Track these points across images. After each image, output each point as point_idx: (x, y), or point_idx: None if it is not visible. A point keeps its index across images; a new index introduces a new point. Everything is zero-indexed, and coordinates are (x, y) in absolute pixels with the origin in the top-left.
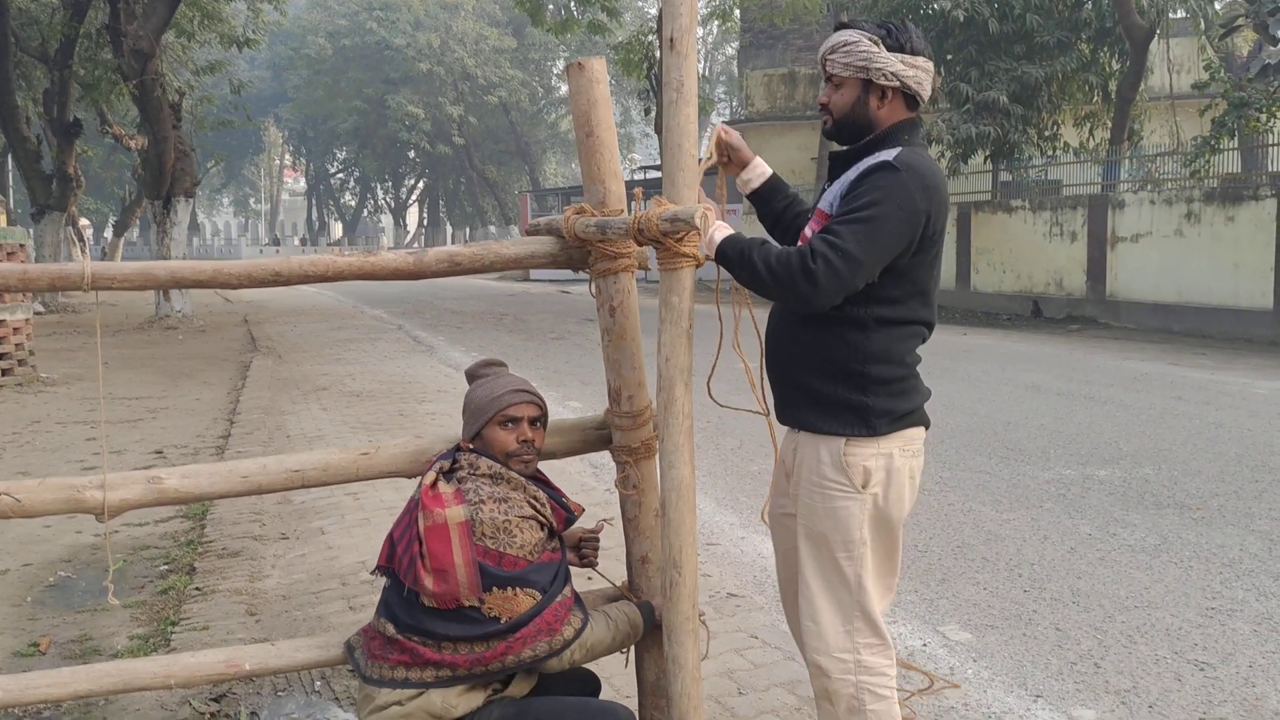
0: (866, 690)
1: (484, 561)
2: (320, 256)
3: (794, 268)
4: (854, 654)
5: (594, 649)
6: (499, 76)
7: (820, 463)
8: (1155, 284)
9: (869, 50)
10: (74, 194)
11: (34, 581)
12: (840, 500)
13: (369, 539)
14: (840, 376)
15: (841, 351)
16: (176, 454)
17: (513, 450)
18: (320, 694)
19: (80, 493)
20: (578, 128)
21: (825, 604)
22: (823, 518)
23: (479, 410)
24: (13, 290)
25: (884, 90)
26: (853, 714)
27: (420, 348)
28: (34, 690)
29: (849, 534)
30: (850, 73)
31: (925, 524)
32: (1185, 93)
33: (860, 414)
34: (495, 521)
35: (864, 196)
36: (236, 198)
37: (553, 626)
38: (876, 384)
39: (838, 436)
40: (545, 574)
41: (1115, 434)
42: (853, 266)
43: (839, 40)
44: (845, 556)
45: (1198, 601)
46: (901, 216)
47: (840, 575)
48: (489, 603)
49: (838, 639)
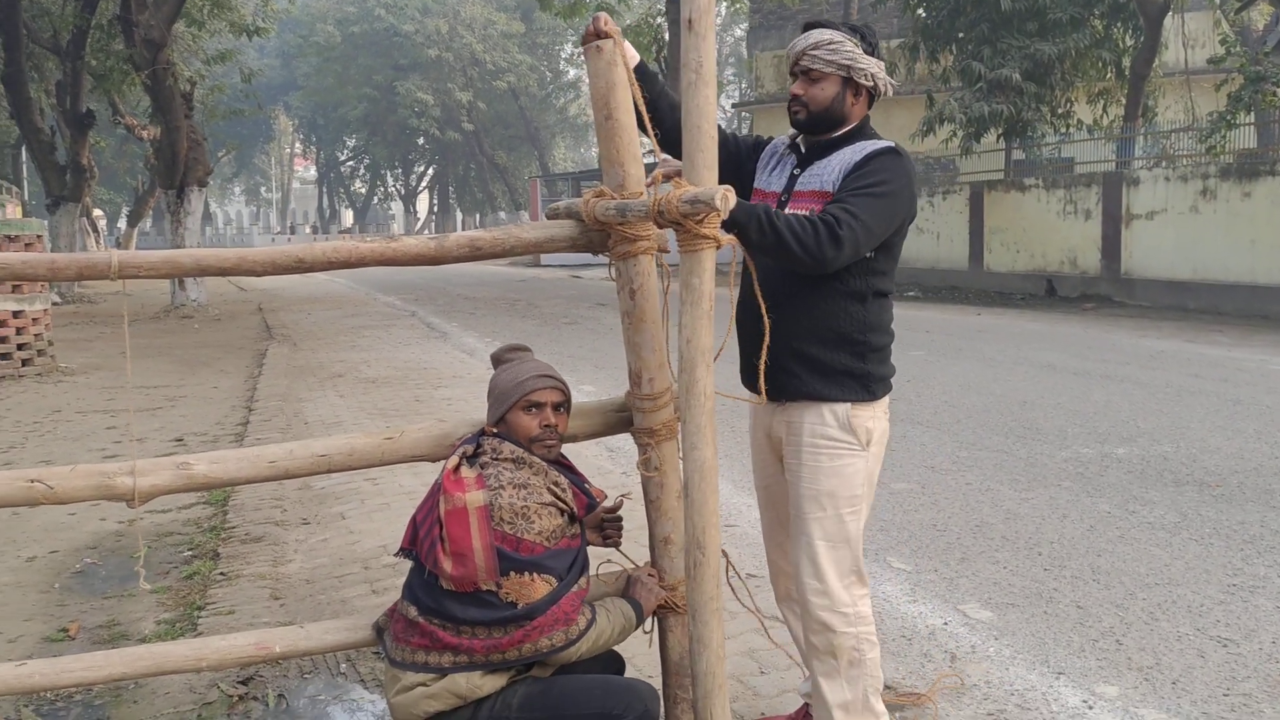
0: (864, 640)
1: (501, 546)
2: (343, 243)
3: (822, 234)
4: (853, 606)
5: (597, 642)
6: (507, 61)
7: (825, 425)
8: (1171, 261)
9: (853, 51)
10: (88, 185)
11: (61, 568)
12: (847, 458)
13: (389, 523)
14: (844, 346)
15: (845, 323)
16: (196, 441)
17: (536, 435)
18: (345, 676)
19: (111, 479)
20: (596, 110)
21: (829, 561)
22: (829, 476)
23: (503, 395)
24: (41, 280)
25: (860, 88)
26: (854, 666)
27: (434, 334)
28: (69, 674)
29: (854, 489)
30: (833, 69)
31: (944, 503)
32: (1200, 68)
33: (862, 380)
34: (514, 507)
35: (875, 175)
36: (248, 186)
37: (569, 616)
38: (873, 351)
39: (843, 401)
40: (562, 560)
41: (1132, 412)
42: (868, 236)
43: (823, 38)
44: (850, 511)
45: (1219, 578)
46: (904, 196)
47: (843, 530)
48: (506, 587)
49: (841, 595)
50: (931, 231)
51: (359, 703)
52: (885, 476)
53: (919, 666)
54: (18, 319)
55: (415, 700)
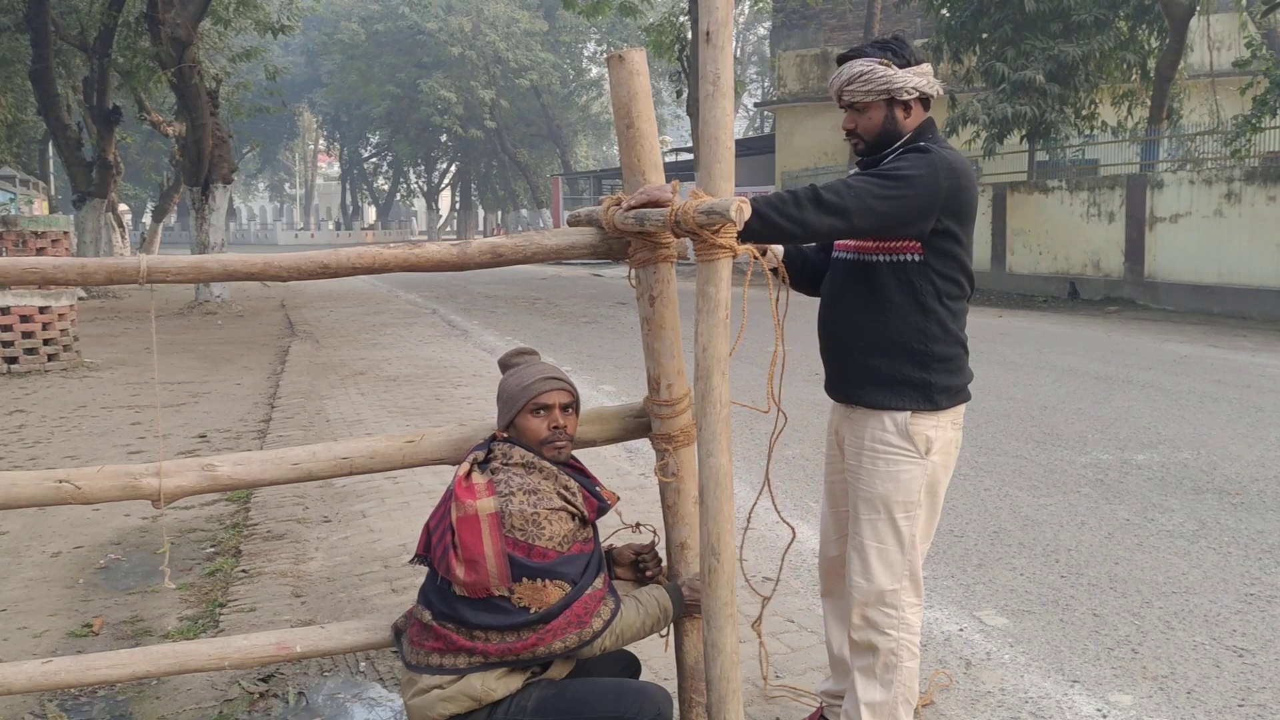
0: (905, 647)
1: (513, 553)
2: (367, 249)
3: (802, 197)
4: (899, 611)
5: (624, 634)
6: (530, 60)
7: (885, 430)
8: (1195, 265)
9: (886, 74)
10: (114, 181)
11: (85, 564)
12: (904, 465)
13: (409, 522)
14: (905, 356)
15: (906, 333)
16: (220, 438)
17: (545, 437)
18: (364, 674)
19: (137, 480)
20: (618, 119)
21: (879, 563)
22: (885, 480)
23: (511, 399)
24: (72, 284)
25: (907, 103)
26: (889, 670)
27: (455, 332)
28: (94, 671)
29: (909, 495)
30: (873, 98)
31: (961, 509)
32: (1226, 70)
33: (924, 391)
34: (524, 514)
35: (892, 162)
36: (272, 183)
37: (582, 619)
38: (938, 362)
39: (903, 410)
40: (575, 565)
41: (1154, 418)
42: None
43: (855, 72)
44: (904, 517)
45: (1236, 587)
46: (922, 183)
47: (896, 535)
48: (518, 593)
49: (887, 596)
50: None
51: (377, 700)
52: None
53: (934, 673)
54: (44, 315)
55: (431, 703)
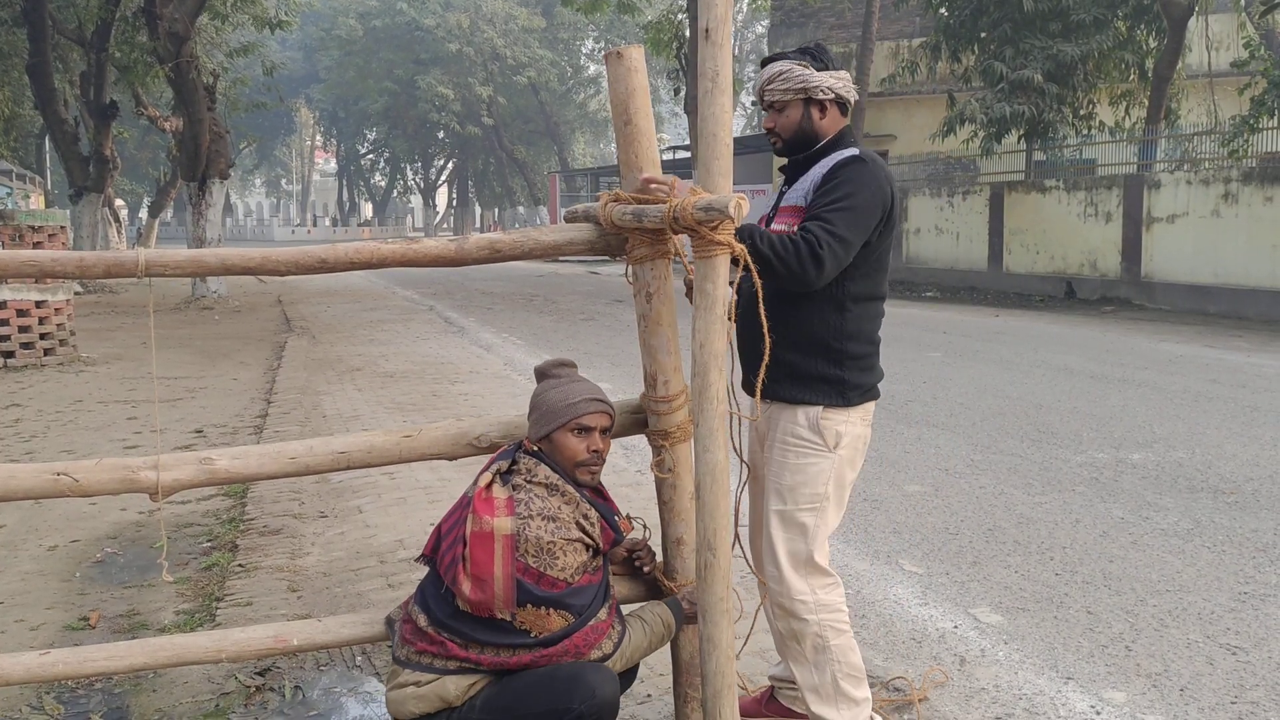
0: (829, 627)
1: (523, 578)
2: (365, 244)
3: (804, 254)
4: (812, 594)
5: (632, 656)
6: (528, 56)
7: (797, 425)
8: (1191, 265)
9: (804, 73)
10: (111, 175)
11: (82, 557)
12: (812, 458)
13: (405, 518)
14: (820, 353)
15: (822, 330)
16: (216, 433)
17: (583, 460)
18: (360, 668)
19: (135, 473)
20: (616, 116)
21: (785, 552)
22: (793, 472)
23: (551, 413)
24: (70, 277)
25: (823, 104)
26: (819, 652)
27: (452, 329)
28: (91, 663)
29: (816, 488)
30: (791, 96)
31: (956, 507)
32: (1224, 71)
33: (837, 387)
34: (540, 541)
35: (842, 187)
36: (269, 179)
37: (580, 650)
38: (850, 360)
39: (815, 405)
40: (583, 597)
41: (1149, 417)
42: (847, 249)
43: (775, 71)
44: (809, 509)
45: (1230, 586)
46: (875, 201)
47: (800, 526)
48: (521, 617)
49: (796, 584)
50: (951, 232)
51: (373, 695)
52: (898, 479)
53: (928, 669)
54: (40, 309)
55: (404, 699)
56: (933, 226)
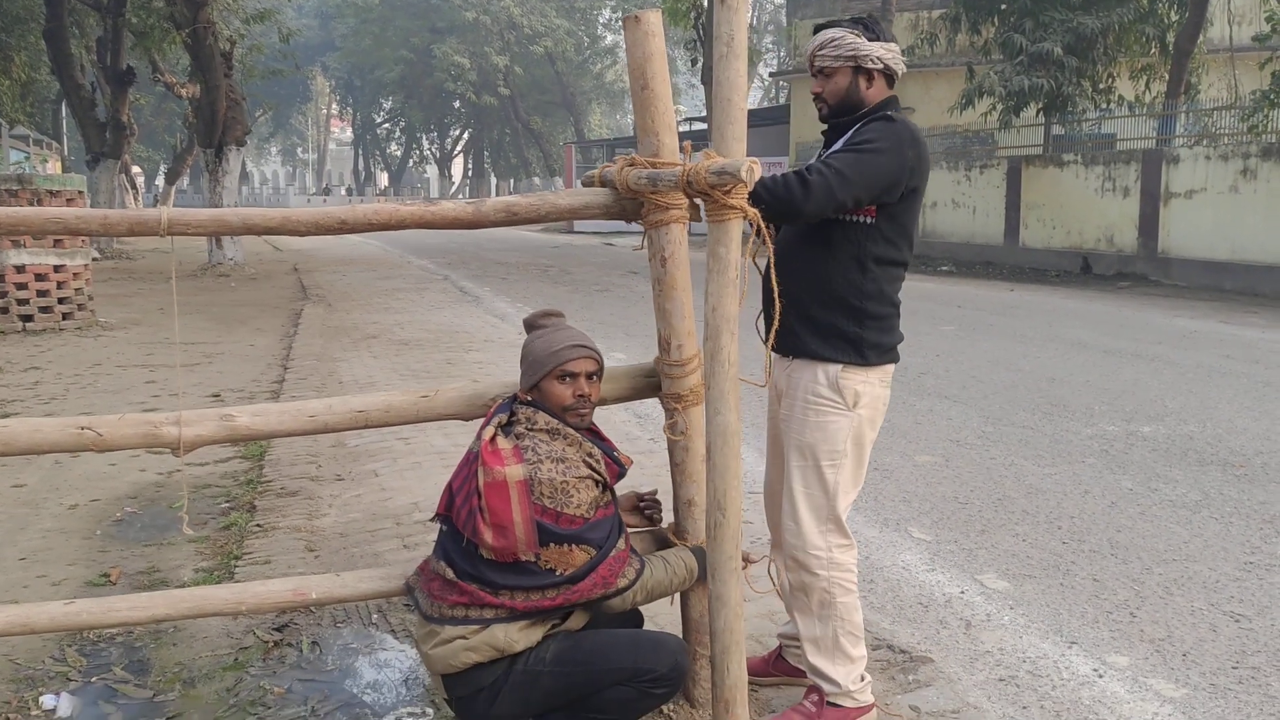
0: (837, 584)
1: (542, 520)
2: (384, 205)
3: (791, 181)
4: (827, 552)
5: (654, 591)
6: (545, 26)
7: (817, 383)
8: (1209, 241)
9: (855, 42)
10: (128, 142)
11: (102, 516)
12: (831, 416)
13: (420, 481)
14: (840, 309)
15: (843, 287)
16: (233, 398)
17: (569, 404)
18: (376, 626)
19: (158, 429)
20: (633, 80)
21: (806, 508)
22: (813, 430)
23: (537, 362)
24: (94, 234)
25: (871, 73)
26: (824, 607)
27: (466, 298)
28: (115, 613)
29: (834, 445)
30: (840, 63)
31: (967, 477)
32: (1245, 45)
33: (856, 345)
34: (554, 482)
35: (861, 136)
36: (284, 147)
37: (608, 580)
38: (870, 319)
39: (835, 363)
40: (601, 530)
41: (1161, 391)
42: (843, 183)
43: (827, 37)
44: (829, 465)
45: (1236, 556)
46: (890, 155)
47: (821, 482)
48: (545, 557)
49: (814, 539)
50: (968, 206)
51: (390, 651)
52: (910, 449)
53: (934, 633)
54: (59, 273)
55: (455, 652)
56: (949, 200)
